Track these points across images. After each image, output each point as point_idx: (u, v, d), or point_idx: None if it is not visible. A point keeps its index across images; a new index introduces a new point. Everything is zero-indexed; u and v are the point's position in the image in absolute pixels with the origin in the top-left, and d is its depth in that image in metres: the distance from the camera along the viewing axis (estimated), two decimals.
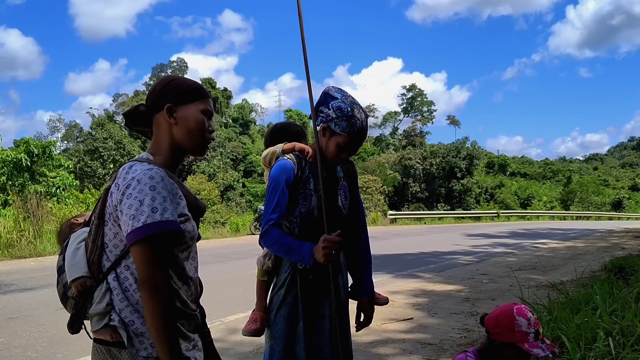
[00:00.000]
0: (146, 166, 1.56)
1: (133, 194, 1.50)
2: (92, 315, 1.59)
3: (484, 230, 22.17)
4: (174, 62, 76.57)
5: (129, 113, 1.71)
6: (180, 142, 1.69)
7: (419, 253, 12.43)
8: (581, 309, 4.88)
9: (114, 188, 1.57)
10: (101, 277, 1.59)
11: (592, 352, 3.74)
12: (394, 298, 6.91)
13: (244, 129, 65.51)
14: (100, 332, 1.56)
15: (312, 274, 2.32)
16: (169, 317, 1.49)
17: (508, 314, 2.30)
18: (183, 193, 1.64)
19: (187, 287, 1.65)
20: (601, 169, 76.69)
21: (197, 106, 1.70)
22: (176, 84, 1.70)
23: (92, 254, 1.61)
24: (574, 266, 8.82)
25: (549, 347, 2.22)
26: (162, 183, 1.53)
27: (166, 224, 1.49)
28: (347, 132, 2.23)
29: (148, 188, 1.50)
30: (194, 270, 1.71)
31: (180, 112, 1.68)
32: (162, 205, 1.50)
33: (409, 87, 75.43)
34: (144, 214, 1.48)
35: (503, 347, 2.27)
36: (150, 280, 1.47)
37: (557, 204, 50.69)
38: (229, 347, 4.80)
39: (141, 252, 1.48)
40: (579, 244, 15.36)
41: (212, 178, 42.20)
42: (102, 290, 1.58)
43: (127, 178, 1.54)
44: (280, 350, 2.31)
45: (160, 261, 1.50)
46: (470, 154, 48.36)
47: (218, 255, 12.24)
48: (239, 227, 20.59)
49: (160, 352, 1.50)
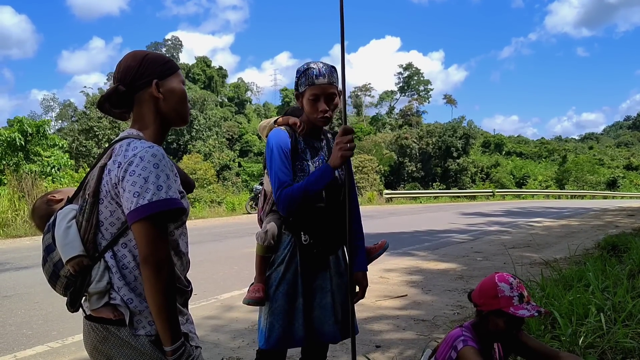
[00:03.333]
0: (146, 143, 1.55)
1: (137, 171, 1.49)
2: (91, 294, 1.57)
3: (479, 209, 22.28)
4: (169, 41, 75.94)
5: (108, 96, 1.65)
6: (167, 115, 1.69)
7: (414, 232, 12.47)
8: (574, 285, 4.93)
9: (112, 165, 1.54)
10: (97, 255, 1.57)
11: (584, 327, 3.78)
12: (389, 276, 6.95)
13: (240, 108, 65.27)
14: (100, 311, 1.56)
15: (316, 248, 2.33)
16: (171, 294, 1.50)
17: (490, 282, 2.34)
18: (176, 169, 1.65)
19: (180, 263, 1.65)
20: (596, 148, 76.90)
21: (177, 77, 1.71)
22: (152, 59, 1.68)
23: (86, 232, 1.58)
24: (568, 244, 8.88)
25: (534, 308, 2.25)
26: (165, 160, 1.53)
27: (172, 201, 1.50)
28: (308, 84, 2.26)
29: (152, 166, 1.49)
30: (186, 245, 1.70)
31: (166, 85, 1.67)
32: (167, 183, 1.51)
33: (406, 66, 75.02)
34: (149, 191, 1.47)
35: (491, 316, 2.30)
36: (154, 257, 1.47)
37: (552, 183, 50.89)
38: (225, 324, 4.83)
39: (145, 229, 1.48)
40: (573, 222, 15.46)
41: (208, 158, 42.19)
42: (100, 269, 1.56)
43: (129, 155, 1.52)
44: (279, 327, 2.32)
45: (164, 238, 1.51)
46: (467, 133, 48.38)
47: (214, 234, 12.27)
48: (235, 206, 20.61)
49: (161, 329, 1.50)
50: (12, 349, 4.21)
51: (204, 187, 27.22)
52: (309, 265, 2.35)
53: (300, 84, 2.31)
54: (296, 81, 2.33)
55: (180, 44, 76.74)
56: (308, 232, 2.34)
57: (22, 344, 4.32)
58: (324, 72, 2.26)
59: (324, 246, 2.36)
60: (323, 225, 2.36)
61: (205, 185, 27.48)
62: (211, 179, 28.70)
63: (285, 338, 2.34)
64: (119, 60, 1.70)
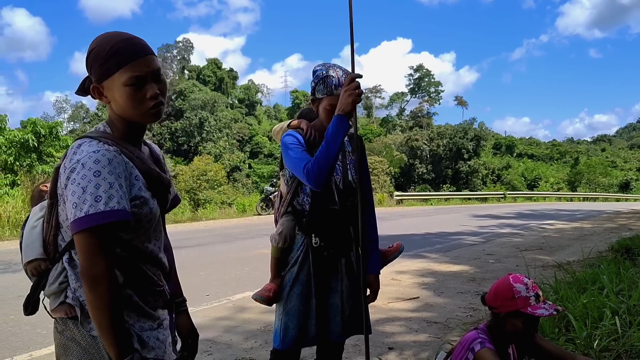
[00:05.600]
0: (94, 147, 1.43)
1: (77, 180, 1.39)
2: (48, 295, 1.56)
3: (490, 211, 22.15)
4: (180, 43, 76.16)
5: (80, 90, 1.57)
6: (124, 116, 1.52)
7: (425, 233, 12.44)
8: (588, 288, 4.88)
9: (62, 169, 1.47)
10: (57, 256, 1.54)
11: (599, 330, 3.75)
12: (400, 278, 6.94)
13: (250, 109, 65.41)
14: (56, 310, 1.55)
15: (327, 251, 2.34)
16: (112, 309, 1.40)
17: (505, 284, 2.33)
18: (142, 170, 1.52)
19: (150, 265, 1.59)
20: (609, 150, 76.25)
21: (120, 78, 1.46)
22: (95, 55, 1.48)
23: (47, 233, 1.55)
24: (581, 247, 8.79)
25: (551, 307, 2.24)
26: (109, 167, 1.40)
27: (110, 214, 1.38)
28: (326, 93, 2.25)
29: (92, 174, 1.38)
30: (159, 248, 1.64)
31: (106, 89, 1.50)
32: (108, 193, 1.38)
33: (416, 68, 74.77)
34: (86, 202, 1.37)
35: (508, 318, 2.29)
36: (89, 271, 1.39)
37: (564, 185, 50.49)
38: (237, 324, 4.84)
39: (82, 242, 1.39)
40: (586, 224, 15.33)
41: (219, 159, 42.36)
42: (57, 270, 1.53)
43: (73, 160, 1.42)
44: (294, 327, 2.34)
45: (102, 252, 1.40)
46: (478, 135, 48.19)
47: (225, 235, 12.30)
48: (246, 207, 20.64)
49: (106, 345, 1.43)
50: (27, 348, 4.25)
51: (215, 188, 27.31)
52: (322, 267, 2.36)
53: (317, 90, 2.29)
54: (313, 85, 2.31)
55: (192, 46, 76.92)
56: (319, 234, 2.35)
57: (38, 343, 4.36)
58: (343, 82, 2.24)
59: (335, 249, 2.37)
60: (335, 228, 2.37)
61: (215, 187, 27.57)
62: (222, 181, 28.77)
63: (299, 338, 2.35)
64: None
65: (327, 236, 2.35)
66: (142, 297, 1.56)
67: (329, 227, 2.36)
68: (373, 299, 2.48)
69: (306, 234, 2.37)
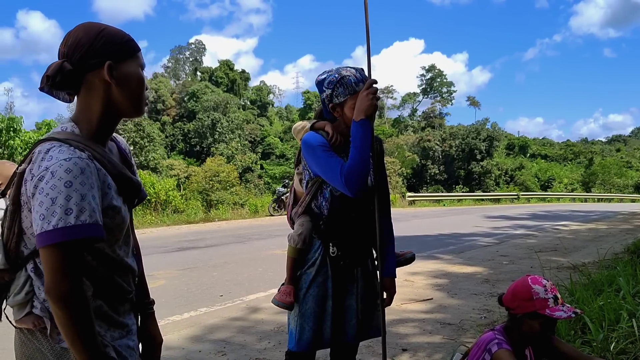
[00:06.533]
0: (64, 154, 1.32)
1: (45, 190, 1.28)
2: (12, 306, 1.48)
3: (503, 212, 22.00)
4: (192, 44, 76.69)
5: (51, 75, 1.40)
6: (118, 104, 1.47)
7: (438, 234, 12.39)
8: (604, 290, 4.84)
9: (27, 176, 1.36)
10: (20, 262, 1.45)
11: (615, 333, 3.71)
12: (414, 279, 6.91)
13: (262, 111, 65.59)
14: (22, 321, 1.47)
15: (343, 260, 2.33)
16: (83, 325, 1.32)
17: (523, 285, 2.31)
18: (114, 175, 1.44)
19: (120, 273, 1.53)
20: (624, 150, 75.33)
21: (136, 62, 1.49)
22: (109, 36, 1.44)
23: (9, 241, 1.44)
24: (596, 248, 8.72)
25: (570, 309, 2.22)
26: (82, 177, 1.30)
27: (80, 229, 1.29)
28: (349, 93, 2.22)
29: (63, 184, 1.28)
30: (127, 254, 1.57)
31: (121, 70, 1.45)
32: (79, 206, 1.29)
33: (429, 68, 74.53)
34: (55, 215, 1.27)
35: (526, 319, 2.27)
36: (57, 289, 1.29)
37: (578, 186, 49.96)
38: (251, 325, 4.85)
39: (48, 258, 1.29)
40: (601, 226, 15.17)
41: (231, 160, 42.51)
42: (21, 280, 1.45)
43: (42, 167, 1.31)
44: (310, 329, 2.33)
45: (70, 270, 1.30)
46: (490, 135, 47.89)
47: (238, 236, 12.34)
48: (258, 208, 20.69)
49: None
50: None
51: (227, 189, 27.39)
52: (339, 270, 2.36)
53: (337, 95, 2.23)
54: (329, 92, 2.24)
55: (204, 47, 77.45)
56: (337, 244, 2.33)
57: None
58: (360, 77, 2.22)
59: (352, 259, 2.35)
60: (352, 237, 2.35)
61: (228, 188, 27.64)
62: (234, 181, 28.83)
63: (315, 340, 2.34)
64: (69, 31, 1.45)
65: (345, 245, 2.34)
66: (112, 306, 1.51)
67: (346, 235, 2.34)
68: (389, 302, 2.48)
69: (323, 240, 2.35)
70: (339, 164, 2.17)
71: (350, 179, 2.12)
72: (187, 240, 11.54)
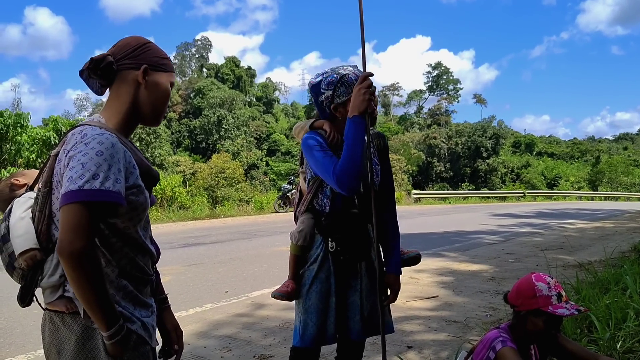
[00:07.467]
0: (97, 130, 1.45)
1: (77, 157, 1.39)
2: (44, 288, 1.52)
3: (509, 210, 21.95)
4: (199, 41, 76.70)
5: (95, 59, 1.55)
6: (141, 106, 1.60)
7: (443, 232, 12.37)
8: (610, 288, 4.81)
9: (62, 155, 1.46)
10: (51, 246, 1.51)
11: (622, 331, 3.70)
12: (419, 276, 6.90)
13: (268, 107, 65.58)
14: (54, 304, 1.51)
15: (343, 255, 2.33)
16: (95, 283, 1.37)
17: (527, 283, 2.30)
18: (136, 161, 1.54)
19: (142, 255, 1.59)
20: (631, 148, 74.96)
21: (168, 77, 1.66)
22: (153, 49, 1.63)
23: (40, 223, 1.51)
24: (603, 246, 8.67)
25: (573, 307, 2.21)
26: (112, 150, 1.42)
27: (104, 193, 1.37)
28: (350, 92, 2.21)
29: (95, 153, 1.39)
30: (149, 238, 1.64)
31: (153, 77, 1.61)
32: (106, 174, 1.38)
33: (435, 65, 74.31)
34: (83, 177, 1.36)
35: (529, 316, 2.26)
36: (71, 246, 1.34)
37: (584, 184, 49.75)
38: (256, 321, 4.86)
39: (67, 215, 1.36)
40: (607, 224, 15.11)
41: (236, 157, 42.50)
42: (53, 262, 1.50)
43: (78, 141, 1.44)
44: (313, 325, 2.34)
45: (87, 229, 1.36)
46: (497, 133, 47.76)
47: (243, 232, 12.36)
48: (263, 205, 20.73)
49: (95, 321, 1.42)
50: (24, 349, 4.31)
51: (233, 185, 27.40)
52: (340, 267, 2.36)
53: (339, 95, 2.23)
54: (331, 93, 2.24)
55: (210, 44, 77.50)
56: (335, 239, 2.33)
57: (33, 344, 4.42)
58: (359, 74, 2.22)
59: (352, 254, 2.35)
60: (352, 233, 2.35)
61: (233, 184, 27.66)
62: (239, 178, 28.83)
63: (319, 336, 2.35)
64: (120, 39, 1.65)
65: (344, 241, 2.34)
66: (137, 286, 1.56)
67: (346, 231, 2.34)
68: (394, 300, 2.47)
69: (323, 236, 2.36)
70: (332, 163, 2.17)
71: (341, 177, 2.12)
72: (192, 237, 11.57)
